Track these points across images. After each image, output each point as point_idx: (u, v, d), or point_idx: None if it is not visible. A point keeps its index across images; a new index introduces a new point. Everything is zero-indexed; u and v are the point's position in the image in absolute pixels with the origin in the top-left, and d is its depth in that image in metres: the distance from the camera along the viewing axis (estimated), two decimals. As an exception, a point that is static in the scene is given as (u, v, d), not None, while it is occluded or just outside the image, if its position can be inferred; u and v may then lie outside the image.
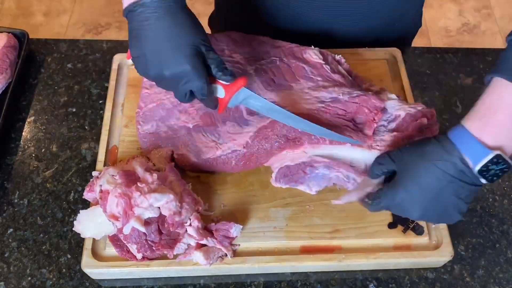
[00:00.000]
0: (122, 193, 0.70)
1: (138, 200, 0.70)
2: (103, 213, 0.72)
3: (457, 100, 0.99)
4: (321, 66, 0.84)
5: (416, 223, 0.78)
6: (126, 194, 0.70)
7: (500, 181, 0.89)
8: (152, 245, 0.72)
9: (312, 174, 0.77)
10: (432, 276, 0.78)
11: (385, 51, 0.98)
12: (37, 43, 1.03)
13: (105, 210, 0.71)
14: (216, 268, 0.74)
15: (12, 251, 0.79)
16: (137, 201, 0.70)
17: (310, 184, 0.77)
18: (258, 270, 0.76)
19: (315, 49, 0.87)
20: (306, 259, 0.74)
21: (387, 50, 0.98)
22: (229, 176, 0.82)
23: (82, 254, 0.74)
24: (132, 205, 0.70)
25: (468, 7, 2.49)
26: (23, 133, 0.92)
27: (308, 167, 0.77)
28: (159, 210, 0.71)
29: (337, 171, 0.76)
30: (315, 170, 0.77)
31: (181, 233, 0.73)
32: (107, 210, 0.71)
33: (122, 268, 0.73)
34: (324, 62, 0.85)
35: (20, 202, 0.84)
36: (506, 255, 0.81)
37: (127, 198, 0.70)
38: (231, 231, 0.74)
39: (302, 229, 0.77)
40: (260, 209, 0.79)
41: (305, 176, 0.77)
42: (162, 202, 0.70)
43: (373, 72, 0.94)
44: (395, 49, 0.98)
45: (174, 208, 0.71)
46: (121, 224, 0.70)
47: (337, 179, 0.77)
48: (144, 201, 0.70)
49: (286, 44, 0.88)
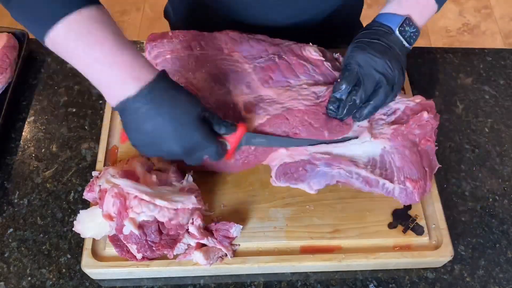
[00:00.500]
0: (118, 193, 0.70)
1: (132, 202, 0.70)
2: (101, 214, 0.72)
3: (457, 100, 0.99)
4: (322, 63, 0.85)
5: (416, 223, 0.78)
6: (122, 195, 0.70)
7: (500, 181, 0.89)
8: (152, 245, 0.71)
9: (312, 172, 0.77)
10: (432, 276, 0.78)
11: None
12: (37, 43, 1.03)
13: (102, 210, 0.71)
14: (216, 268, 0.74)
15: (12, 251, 0.79)
16: (132, 204, 0.70)
17: (311, 183, 0.77)
18: (258, 270, 0.76)
19: (314, 46, 0.87)
20: (306, 259, 0.74)
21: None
22: (229, 176, 0.82)
23: (82, 254, 0.74)
24: (127, 206, 0.70)
25: (468, 7, 2.49)
26: (23, 133, 0.92)
27: (308, 164, 0.77)
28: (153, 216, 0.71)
29: (338, 168, 0.76)
30: (315, 167, 0.77)
31: (181, 233, 0.72)
32: (104, 210, 0.71)
33: (122, 268, 0.73)
34: (324, 59, 0.85)
35: (20, 202, 0.84)
36: (506, 255, 0.81)
37: (122, 199, 0.70)
38: (231, 231, 0.74)
39: (302, 229, 0.77)
40: (260, 209, 0.79)
41: (306, 174, 0.77)
42: (155, 213, 0.70)
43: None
44: None
45: (168, 215, 0.71)
46: (116, 224, 0.70)
47: (339, 176, 0.77)
48: (138, 207, 0.70)
49: (284, 41, 0.89)
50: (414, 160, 0.77)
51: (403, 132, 0.78)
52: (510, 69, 1.04)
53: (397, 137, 0.77)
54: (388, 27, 0.78)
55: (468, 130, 0.95)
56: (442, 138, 0.93)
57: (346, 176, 0.76)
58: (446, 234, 0.77)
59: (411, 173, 0.76)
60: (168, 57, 0.84)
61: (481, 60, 1.06)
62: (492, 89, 1.01)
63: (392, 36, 0.78)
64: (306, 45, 0.87)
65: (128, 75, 0.61)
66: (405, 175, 0.76)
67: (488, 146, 0.93)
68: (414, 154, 0.77)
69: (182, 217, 0.72)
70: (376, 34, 0.78)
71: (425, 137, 0.79)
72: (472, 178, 0.89)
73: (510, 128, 0.96)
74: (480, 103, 0.99)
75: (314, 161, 0.77)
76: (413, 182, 0.76)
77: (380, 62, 0.75)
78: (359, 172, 0.76)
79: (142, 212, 0.70)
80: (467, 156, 0.92)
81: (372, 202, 0.80)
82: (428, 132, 0.79)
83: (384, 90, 0.76)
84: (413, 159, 0.77)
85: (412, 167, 0.76)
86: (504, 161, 0.91)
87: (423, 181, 0.76)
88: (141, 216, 0.70)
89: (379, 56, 0.75)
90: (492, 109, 0.98)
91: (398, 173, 0.77)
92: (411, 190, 0.76)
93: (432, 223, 0.79)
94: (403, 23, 0.78)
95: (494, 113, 0.98)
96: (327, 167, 0.77)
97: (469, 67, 1.04)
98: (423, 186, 0.77)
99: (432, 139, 0.80)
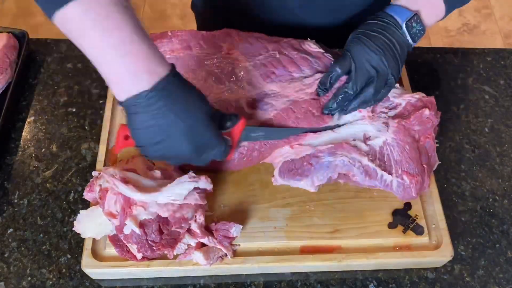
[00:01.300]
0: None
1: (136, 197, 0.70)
2: (103, 213, 0.72)
3: (457, 100, 0.99)
4: (322, 55, 0.85)
5: (416, 223, 0.78)
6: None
7: (500, 181, 0.89)
8: (153, 245, 0.71)
9: (317, 164, 0.77)
10: (432, 276, 0.78)
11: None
12: (37, 43, 1.03)
13: (104, 208, 0.71)
14: (216, 268, 0.74)
15: (12, 251, 0.79)
16: (135, 200, 0.70)
17: (315, 178, 0.77)
18: (258, 270, 0.76)
19: (312, 40, 0.88)
20: (306, 259, 0.74)
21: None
22: (229, 176, 0.82)
23: (82, 254, 0.74)
24: (131, 203, 0.70)
25: (468, 7, 2.49)
26: (23, 133, 0.92)
27: (313, 157, 0.78)
28: (155, 213, 0.71)
29: (341, 156, 0.77)
30: (320, 159, 0.77)
31: (182, 232, 0.72)
32: (105, 208, 0.71)
33: (122, 268, 0.73)
34: (324, 51, 0.86)
35: (20, 202, 0.84)
36: (506, 255, 0.81)
37: (125, 196, 0.70)
38: (231, 231, 0.74)
39: (302, 229, 0.77)
40: (260, 209, 0.79)
41: (311, 168, 0.77)
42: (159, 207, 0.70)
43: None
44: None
45: (172, 208, 0.71)
46: (119, 222, 0.70)
47: (343, 165, 0.77)
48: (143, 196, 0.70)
49: (282, 38, 0.89)
50: (413, 156, 0.78)
51: (405, 127, 0.79)
52: (510, 69, 1.04)
53: (400, 131, 0.78)
54: (395, 21, 0.77)
55: (468, 130, 0.95)
56: (442, 138, 0.93)
57: (348, 164, 0.76)
58: (446, 234, 0.77)
59: (408, 167, 0.77)
60: (168, 57, 0.84)
61: (481, 60, 1.06)
62: (492, 89, 1.01)
63: (397, 31, 0.77)
64: (305, 40, 0.88)
65: (142, 68, 0.57)
66: (402, 169, 0.77)
67: (488, 146, 0.93)
68: (413, 150, 0.78)
69: (187, 211, 0.72)
70: (380, 27, 0.77)
71: (425, 134, 0.80)
72: (472, 178, 0.89)
73: (510, 128, 0.96)
74: (480, 103, 0.99)
75: (318, 153, 0.78)
76: (410, 176, 0.76)
77: (376, 58, 0.75)
78: (361, 160, 0.77)
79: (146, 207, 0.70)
80: (467, 156, 0.92)
81: (372, 202, 0.80)
82: (428, 129, 0.80)
83: (375, 85, 0.76)
84: (412, 155, 0.78)
85: (410, 162, 0.77)
86: (504, 161, 0.91)
87: (420, 176, 0.77)
88: (143, 215, 0.70)
89: (376, 51, 0.76)
90: (492, 109, 0.98)
91: (396, 167, 0.77)
92: (408, 184, 0.76)
93: (432, 223, 0.79)
94: (411, 19, 0.77)
95: (494, 113, 0.98)
96: (331, 156, 0.77)
97: (469, 67, 1.04)
98: (421, 181, 0.77)
99: (431, 136, 0.81)
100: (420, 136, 0.80)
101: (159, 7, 2.41)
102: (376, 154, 0.78)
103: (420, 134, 0.80)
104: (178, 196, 0.70)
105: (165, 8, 2.40)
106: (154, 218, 0.71)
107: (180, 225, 0.71)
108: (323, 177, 0.77)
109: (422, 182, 0.77)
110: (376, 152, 0.79)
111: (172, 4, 2.41)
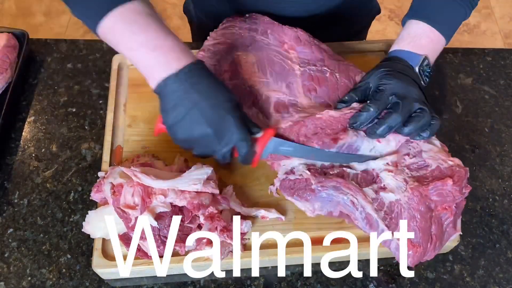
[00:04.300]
0: (139, 183, 0.71)
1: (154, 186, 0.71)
2: (112, 212, 0.72)
3: (457, 100, 0.99)
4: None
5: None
6: (142, 184, 0.71)
7: (500, 181, 0.89)
8: (165, 240, 0.72)
9: (319, 194, 0.74)
10: (432, 276, 0.78)
11: (383, 42, 0.99)
12: (37, 43, 1.03)
13: (118, 204, 0.71)
14: (227, 262, 0.74)
15: (12, 251, 0.79)
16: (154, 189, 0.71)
17: (316, 205, 0.75)
18: (268, 263, 0.76)
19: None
20: (315, 251, 0.75)
21: (385, 41, 0.99)
22: (236, 170, 0.83)
23: (84, 255, 0.74)
24: (150, 193, 0.71)
25: (468, 7, 2.49)
26: (23, 133, 0.92)
27: (317, 184, 0.74)
28: (170, 205, 0.72)
29: (345, 194, 0.73)
30: (323, 190, 0.74)
31: (193, 228, 0.73)
32: (121, 202, 0.71)
33: (133, 266, 0.72)
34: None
35: (20, 202, 0.84)
36: (506, 255, 0.81)
37: (144, 186, 0.71)
38: (242, 227, 0.75)
39: (310, 220, 0.77)
40: (268, 203, 0.79)
41: (312, 195, 0.74)
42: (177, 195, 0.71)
43: (371, 65, 0.93)
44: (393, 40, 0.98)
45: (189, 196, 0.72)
46: (139, 213, 0.70)
47: (344, 205, 0.73)
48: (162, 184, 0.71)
49: (345, 60, 0.88)
50: (422, 226, 0.71)
51: (421, 194, 0.72)
52: (510, 69, 1.04)
53: (414, 197, 0.72)
54: (409, 65, 0.79)
55: (468, 130, 0.95)
56: (442, 138, 0.93)
57: (351, 206, 0.72)
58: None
59: (413, 235, 0.70)
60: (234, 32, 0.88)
61: (481, 60, 1.06)
62: (492, 89, 1.01)
63: (414, 72, 0.79)
64: (362, 72, 0.86)
65: (170, 57, 0.67)
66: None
67: (488, 146, 0.93)
68: (423, 220, 0.71)
69: (205, 197, 0.73)
70: (402, 67, 0.78)
71: (443, 205, 0.73)
72: (472, 178, 0.89)
73: (510, 128, 0.96)
74: (480, 103, 0.99)
75: (323, 183, 0.74)
76: (411, 245, 0.70)
77: (414, 90, 0.75)
78: (364, 206, 0.72)
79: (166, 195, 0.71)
80: (467, 156, 0.92)
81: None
82: (448, 202, 0.73)
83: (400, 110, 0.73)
84: (421, 225, 0.71)
85: (416, 230, 0.71)
86: (504, 161, 0.91)
87: (422, 248, 0.70)
88: (159, 208, 0.71)
89: (412, 85, 0.76)
90: (492, 109, 0.98)
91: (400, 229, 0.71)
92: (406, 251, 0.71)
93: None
94: (422, 62, 0.79)
95: (494, 113, 0.98)
96: (335, 191, 0.73)
97: (469, 67, 1.04)
98: (421, 253, 0.70)
99: (450, 209, 0.72)
100: (437, 205, 0.72)
101: (159, 7, 2.40)
102: (383, 207, 0.72)
103: (438, 204, 0.73)
104: (197, 181, 0.72)
105: (165, 8, 2.40)
106: (168, 211, 0.72)
107: (199, 210, 0.72)
108: (322, 209, 0.75)
109: (424, 253, 0.71)
110: (384, 205, 0.72)
111: (172, 4, 2.41)
